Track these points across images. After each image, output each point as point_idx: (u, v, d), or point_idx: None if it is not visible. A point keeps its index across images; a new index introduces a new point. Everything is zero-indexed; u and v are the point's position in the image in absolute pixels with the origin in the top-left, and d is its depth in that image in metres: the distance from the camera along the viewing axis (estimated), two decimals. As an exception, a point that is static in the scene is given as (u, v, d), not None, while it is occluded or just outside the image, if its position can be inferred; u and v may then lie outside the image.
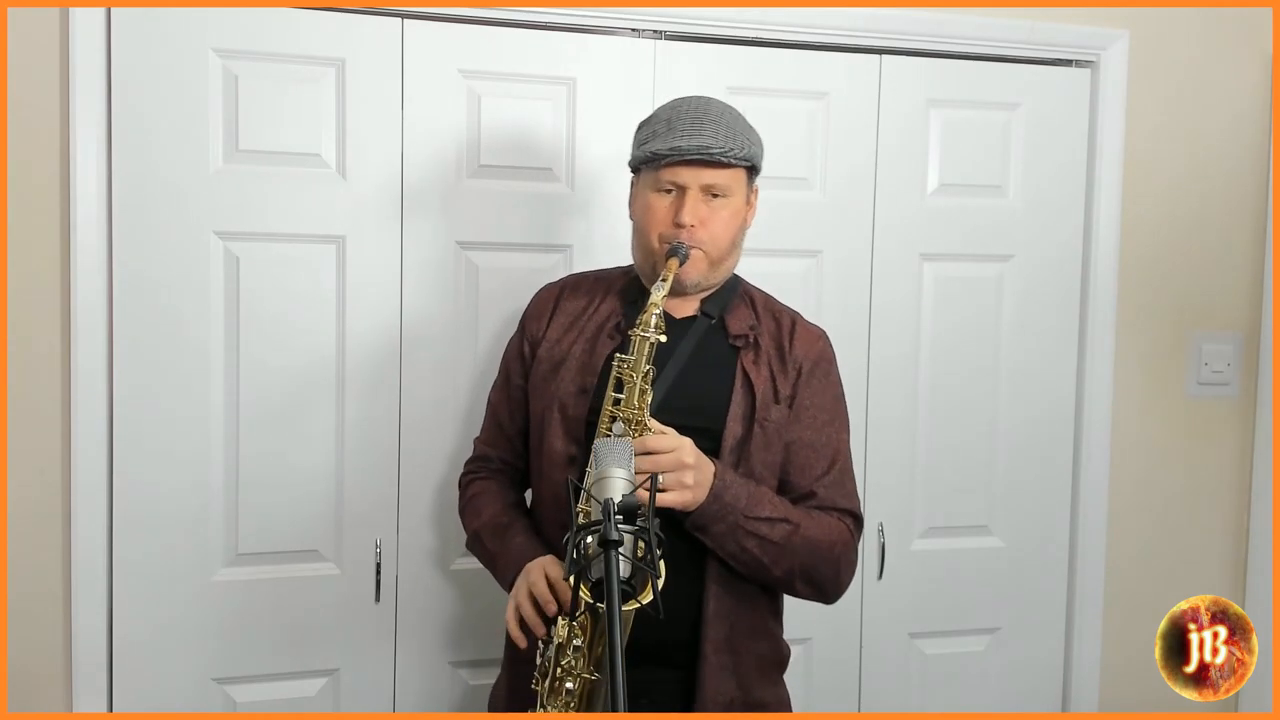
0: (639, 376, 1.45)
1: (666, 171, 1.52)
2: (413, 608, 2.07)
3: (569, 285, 1.72)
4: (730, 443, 1.53)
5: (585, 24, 2.08)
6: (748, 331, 1.60)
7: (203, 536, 1.97)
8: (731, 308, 1.63)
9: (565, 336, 1.64)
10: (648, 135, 1.56)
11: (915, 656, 2.35)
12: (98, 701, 1.94)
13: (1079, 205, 2.36)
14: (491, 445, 1.75)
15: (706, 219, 1.53)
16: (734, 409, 1.55)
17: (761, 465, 1.54)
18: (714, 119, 1.53)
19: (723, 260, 1.57)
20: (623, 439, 1.34)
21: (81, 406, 1.89)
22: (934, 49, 2.24)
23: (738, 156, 1.51)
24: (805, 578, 1.54)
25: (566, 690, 1.39)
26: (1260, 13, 2.41)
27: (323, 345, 2.01)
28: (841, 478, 1.60)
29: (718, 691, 1.53)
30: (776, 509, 1.50)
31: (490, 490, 1.71)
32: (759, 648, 1.59)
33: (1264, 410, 2.45)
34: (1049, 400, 2.38)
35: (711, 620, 1.53)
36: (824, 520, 1.55)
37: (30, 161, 1.86)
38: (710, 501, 1.44)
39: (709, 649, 1.52)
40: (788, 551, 1.50)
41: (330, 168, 1.99)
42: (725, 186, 1.53)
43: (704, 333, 1.59)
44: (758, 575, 1.53)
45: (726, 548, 1.49)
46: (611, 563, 1.11)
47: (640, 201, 1.58)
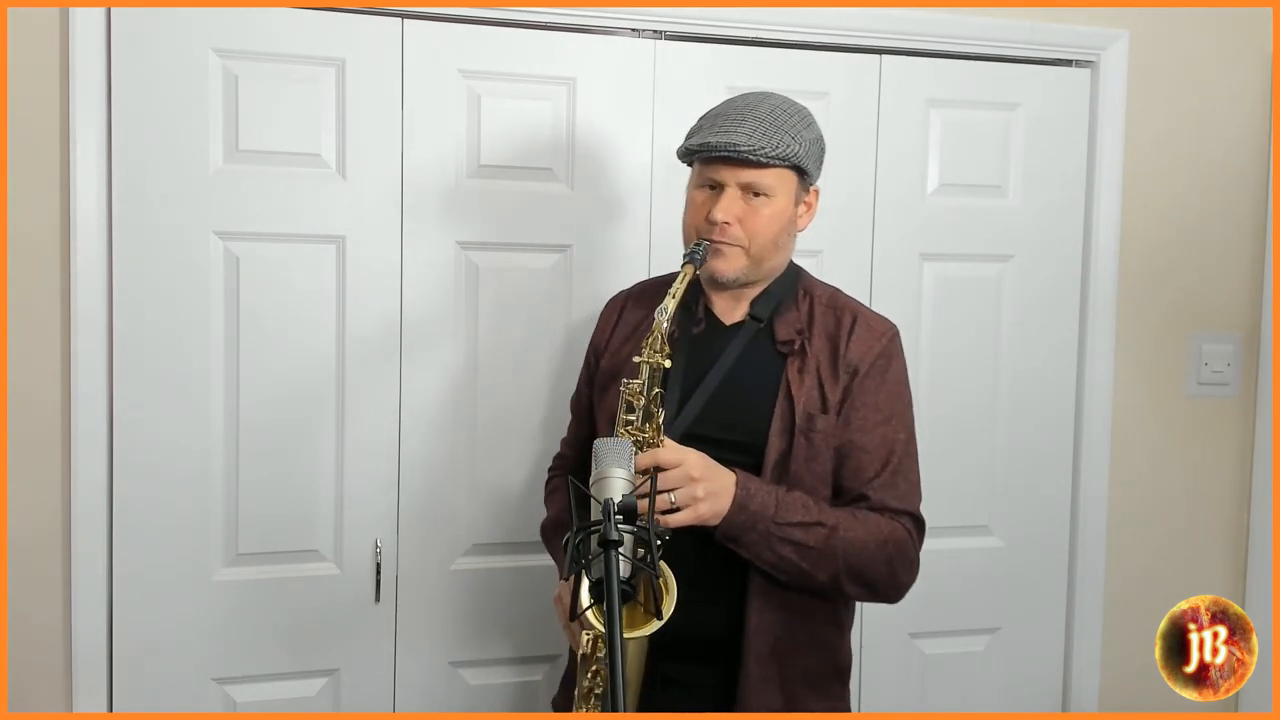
0: (645, 400, 1.42)
1: (707, 167, 1.51)
2: (413, 608, 2.07)
3: (634, 294, 1.72)
4: (773, 458, 1.49)
5: (585, 24, 2.08)
6: (795, 337, 1.55)
7: (203, 536, 1.97)
8: (783, 310, 1.57)
9: (624, 348, 1.64)
10: (695, 128, 1.54)
11: (915, 656, 2.35)
12: (98, 701, 1.94)
13: (1079, 205, 2.36)
14: (569, 445, 1.80)
15: (744, 217, 1.49)
16: (776, 423, 1.50)
17: (808, 475, 1.50)
18: (759, 116, 1.48)
19: (765, 259, 1.52)
20: (622, 439, 1.33)
21: (81, 406, 1.89)
22: (934, 49, 2.24)
23: (770, 156, 1.46)
24: (855, 579, 1.48)
25: (596, 696, 1.39)
26: (1260, 13, 2.41)
27: (323, 345, 2.01)
28: (894, 479, 1.52)
29: (762, 703, 1.49)
30: (809, 513, 1.45)
31: (562, 488, 1.74)
32: (808, 660, 1.54)
33: (1264, 410, 2.45)
34: (1049, 400, 2.38)
35: (754, 634, 1.49)
36: (869, 519, 1.49)
37: (30, 161, 1.86)
38: (736, 512, 1.41)
39: (751, 661, 1.49)
40: (828, 555, 1.45)
41: (330, 168, 1.99)
42: (767, 186, 1.49)
43: (749, 340, 1.54)
44: (802, 583, 1.47)
45: (764, 557, 1.44)
46: (611, 563, 1.11)
47: (688, 195, 1.57)
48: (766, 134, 1.47)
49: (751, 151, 1.46)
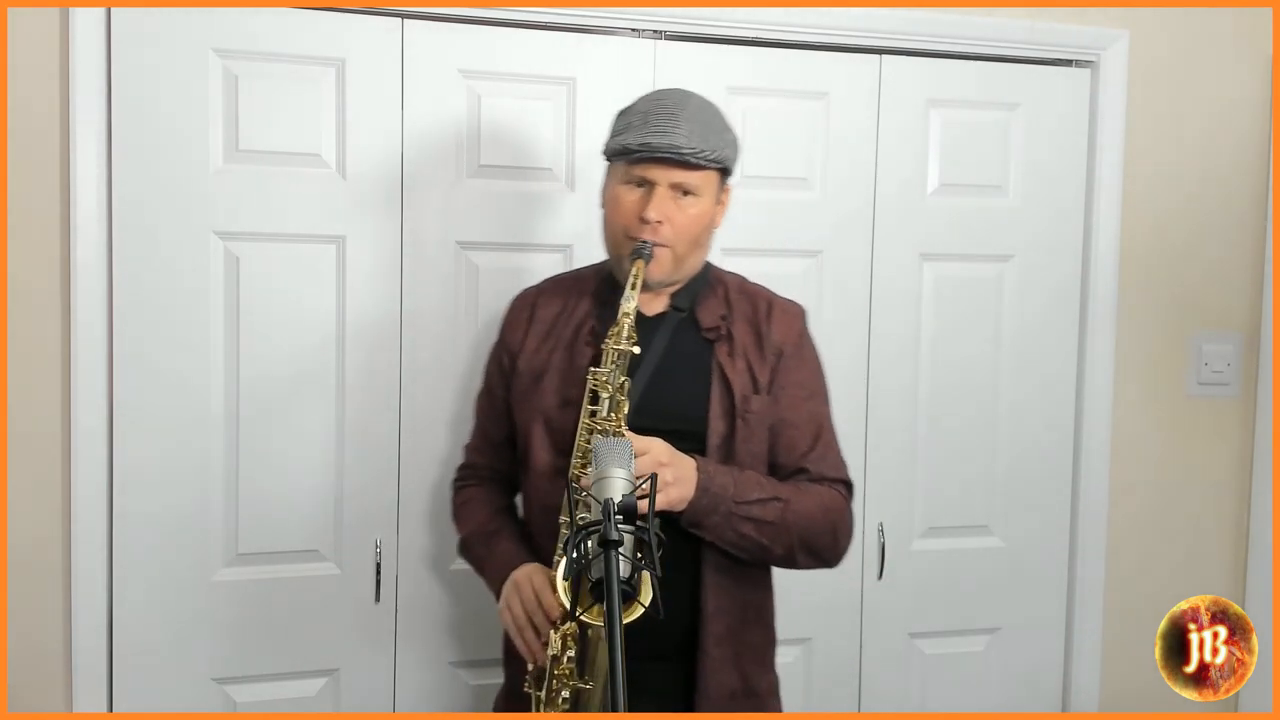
0: (614, 388, 1.44)
1: (637, 166, 1.51)
2: (413, 608, 2.07)
3: (544, 290, 1.71)
4: (715, 441, 1.54)
5: (585, 24, 2.08)
6: (719, 323, 1.60)
7: (203, 536, 1.97)
8: (702, 299, 1.62)
9: (543, 346, 1.63)
10: (623, 126, 1.54)
11: (915, 656, 2.35)
12: (98, 701, 1.94)
13: (1079, 205, 2.36)
14: (479, 453, 1.76)
15: (673, 216, 1.51)
16: (714, 407, 1.55)
17: (748, 455, 1.55)
18: (690, 117, 1.51)
19: (687, 257, 1.56)
20: (622, 439, 1.33)
21: (81, 406, 1.89)
22: (934, 49, 2.24)
23: (708, 159, 1.50)
24: (805, 549, 1.55)
25: (563, 699, 1.39)
26: (1260, 13, 2.41)
27: (322, 345, 2.01)
28: (826, 451, 1.61)
29: (721, 685, 1.53)
30: (765, 489, 1.51)
31: (479, 497, 1.71)
32: (755, 636, 1.60)
33: (1264, 410, 2.45)
34: (1049, 400, 2.38)
35: (712, 616, 1.53)
36: (812, 490, 1.56)
37: (30, 161, 1.86)
38: (700, 495, 1.44)
39: (710, 644, 1.53)
40: (784, 528, 1.51)
41: (330, 168, 1.99)
42: (695, 186, 1.52)
43: (675, 329, 1.58)
44: (759, 557, 1.55)
45: (725, 537, 1.49)
46: (611, 563, 1.11)
47: (610, 193, 1.56)
48: (704, 136, 1.50)
49: (694, 154, 1.48)
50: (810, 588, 2.25)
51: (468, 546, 1.70)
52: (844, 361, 2.24)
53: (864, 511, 2.27)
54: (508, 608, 1.51)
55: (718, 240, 2.15)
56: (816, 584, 2.24)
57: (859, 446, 2.26)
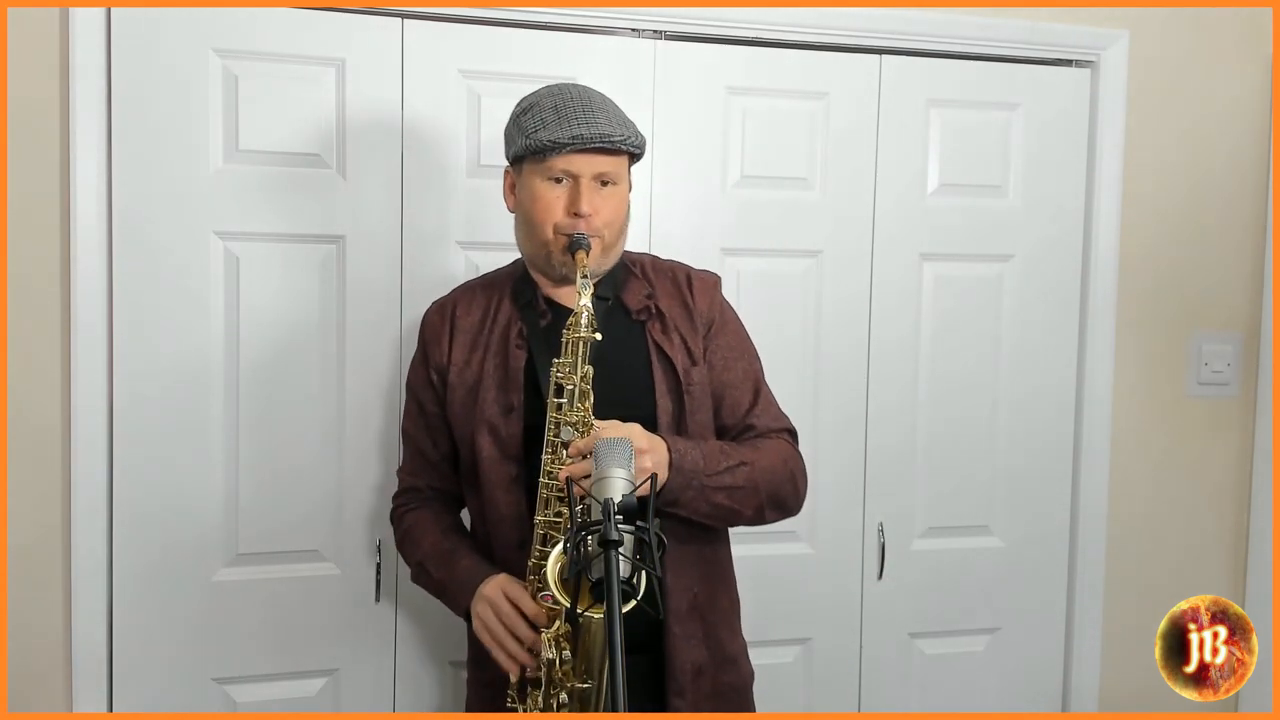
0: (578, 378, 1.45)
1: (560, 160, 1.49)
2: (413, 608, 2.07)
3: (459, 300, 1.67)
4: (665, 420, 1.55)
5: (585, 24, 2.08)
6: (646, 303, 1.61)
7: (203, 536, 1.97)
8: (624, 284, 1.62)
9: (473, 356, 1.61)
10: (535, 124, 1.51)
11: (915, 656, 2.35)
12: (98, 701, 1.94)
13: (1079, 205, 2.36)
14: (417, 475, 1.71)
15: (600, 207, 1.52)
16: (659, 385, 1.56)
17: (697, 426, 1.57)
18: (601, 106, 1.52)
19: (613, 247, 1.57)
20: (622, 439, 1.33)
21: (81, 406, 1.89)
22: (934, 49, 2.24)
23: (634, 144, 1.52)
24: (773, 504, 1.58)
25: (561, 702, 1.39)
26: (1260, 13, 2.41)
27: (323, 345, 2.01)
28: (766, 405, 1.65)
29: (686, 662, 1.54)
30: (730, 455, 1.52)
31: (425, 520, 1.67)
32: (721, 603, 1.62)
33: (1264, 410, 2.45)
34: (1049, 400, 2.38)
35: (672, 593, 1.53)
36: (768, 445, 1.59)
37: (30, 161, 1.86)
38: (674, 475, 1.45)
39: (672, 622, 1.53)
40: (752, 490, 1.53)
41: (330, 168, 1.99)
42: (614, 174, 1.52)
43: (605, 318, 1.55)
44: (731, 522, 1.58)
45: (700, 510, 1.50)
46: (612, 563, 1.11)
47: (529, 191, 1.54)
48: (623, 121, 1.54)
49: (624, 140, 1.50)
50: (810, 588, 2.25)
51: (424, 571, 1.63)
52: (844, 361, 2.24)
53: (864, 511, 2.27)
54: (484, 625, 1.48)
55: (718, 241, 2.17)
56: (816, 584, 2.25)
57: (859, 446, 2.26)
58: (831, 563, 2.25)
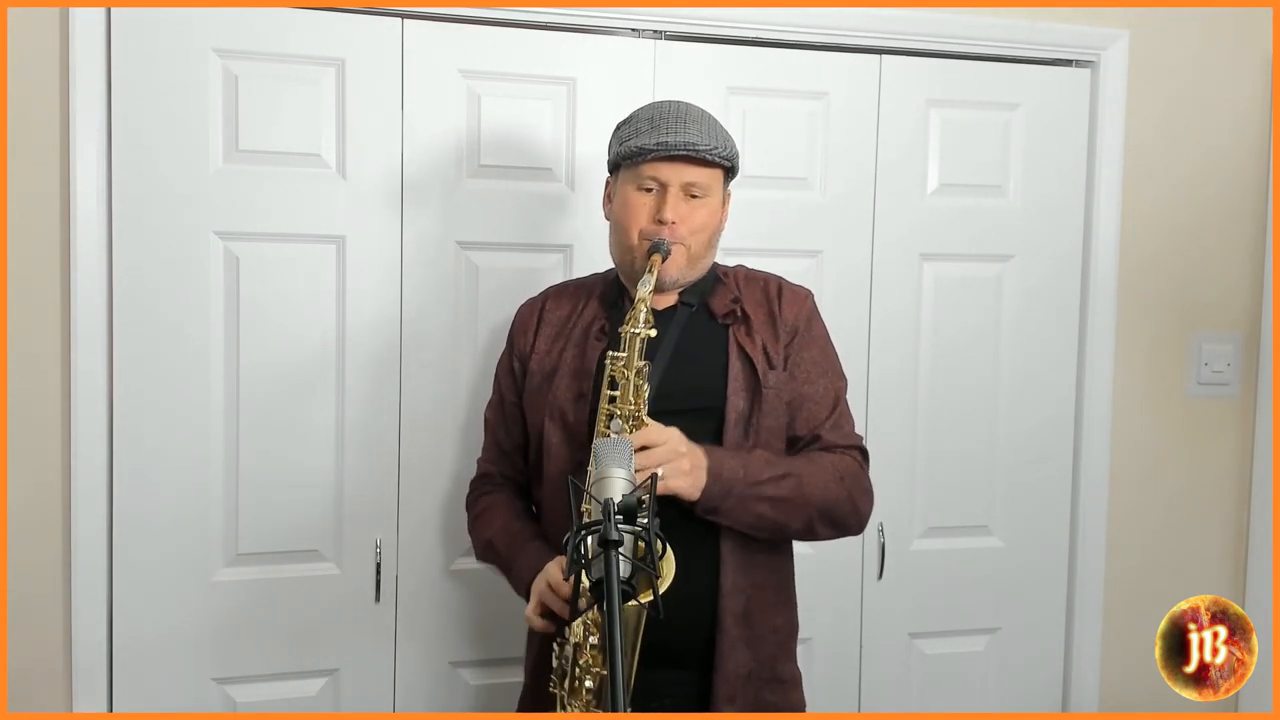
0: (632, 373, 1.46)
1: (649, 168, 1.54)
2: (413, 608, 2.07)
3: (551, 295, 1.75)
4: (734, 416, 1.56)
5: (585, 24, 2.08)
6: (732, 307, 1.63)
7: (203, 536, 1.97)
8: (712, 291, 1.65)
9: (554, 346, 1.66)
10: (630, 133, 1.57)
11: (915, 656, 2.35)
12: (98, 701, 1.94)
13: (1079, 205, 2.36)
14: (493, 463, 1.77)
15: (686, 216, 1.55)
16: (733, 383, 1.57)
17: (767, 432, 1.58)
18: (696, 120, 1.56)
19: (700, 258, 1.60)
20: (622, 439, 1.34)
21: (81, 406, 1.89)
22: (934, 49, 2.24)
23: (721, 155, 1.55)
24: (825, 520, 1.57)
25: (586, 689, 1.40)
26: (1260, 13, 2.41)
27: (323, 345, 2.01)
28: (840, 421, 1.64)
29: (737, 664, 1.55)
30: (775, 466, 1.52)
31: (499, 503, 1.72)
32: (775, 620, 1.61)
33: (1264, 410, 2.45)
34: (1049, 400, 2.38)
35: (729, 594, 1.54)
36: (822, 459, 1.58)
37: (30, 161, 1.86)
38: (712, 483, 1.46)
39: (728, 621, 1.54)
40: (800, 503, 1.53)
41: (330, 168, 1.99)
42: (705, 186, 1.56)
43: (688, 319, 1.61)
44: (779, 535, 1.57)
45: (743, 520, 1.51)
46: (611, 563, 1.11)
47: (620, 199, 1.59)
48: (715, 134, 1.56)
49: (709, 150, 1.52)
50: (810, 588, 2.24)
51: (493, 549, 1.68)
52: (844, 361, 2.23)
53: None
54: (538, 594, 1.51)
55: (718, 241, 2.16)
56: (817, 584, 2.24)
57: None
58: (831, 563, 2.25)
